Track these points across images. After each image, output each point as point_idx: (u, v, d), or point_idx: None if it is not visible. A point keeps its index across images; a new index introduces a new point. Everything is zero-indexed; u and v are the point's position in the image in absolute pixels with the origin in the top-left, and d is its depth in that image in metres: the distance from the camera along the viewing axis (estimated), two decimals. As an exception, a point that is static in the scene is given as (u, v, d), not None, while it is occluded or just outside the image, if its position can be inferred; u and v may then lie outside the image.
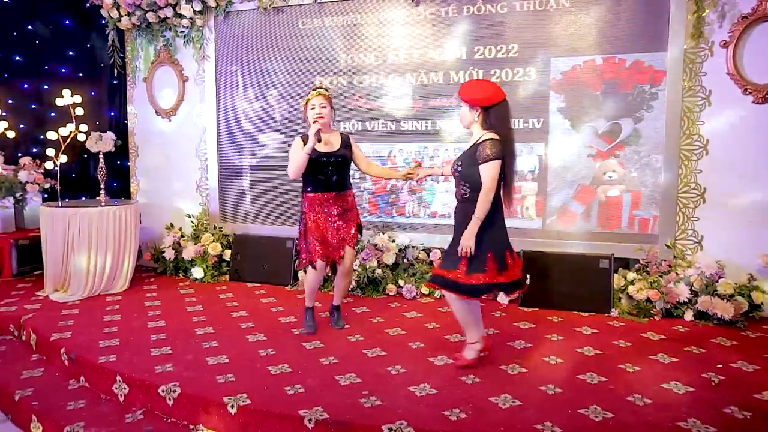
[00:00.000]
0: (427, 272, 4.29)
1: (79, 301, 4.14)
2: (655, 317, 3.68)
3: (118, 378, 2.83)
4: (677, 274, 3.71)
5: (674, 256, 3.80)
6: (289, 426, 2.37)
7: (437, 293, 4.22)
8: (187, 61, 5.01)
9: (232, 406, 2.47)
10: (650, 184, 3.89)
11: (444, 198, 4.36)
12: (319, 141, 3.10)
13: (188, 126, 5.11)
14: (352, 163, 3.37)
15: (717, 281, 3.58)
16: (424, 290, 4.21)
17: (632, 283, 3.78)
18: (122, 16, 4.97)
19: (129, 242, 4.51)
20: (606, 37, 3.89)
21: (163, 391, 2.65)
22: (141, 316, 3.80)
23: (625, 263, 3.96)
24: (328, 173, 3.24)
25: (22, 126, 5.68)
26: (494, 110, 2.63)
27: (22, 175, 5.33)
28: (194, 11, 4.74)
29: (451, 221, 2.91)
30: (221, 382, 2.71)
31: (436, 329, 3.51)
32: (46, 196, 5.55)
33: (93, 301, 4.17)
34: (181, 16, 4.78)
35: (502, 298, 4.09)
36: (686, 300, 3.62)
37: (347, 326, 3.53)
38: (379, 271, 4.29)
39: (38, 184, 5.45)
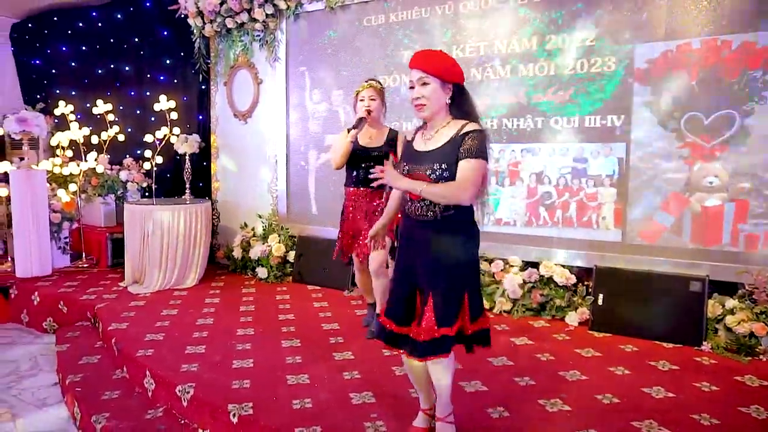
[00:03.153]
0: (489, 284, 3.92)
1: (149, 294, 4.39)
2: (761, 357, 2.98)
3: (147, 373, 2.89)
4: (793, 305, 2.98)
5: (792, 283, 3.06)
6: (281, 444, 2.23)
7: (496, 308, 3.85)
8: (262, 64, 5.12)
9: (234, 415, 2.39)
10: (762, 192, 3.18)
11: (511, 204, 3.96)
12: (361, 122, 3.04)
13: (261, 128, 5.22)
14: None
15: None
16: (485, 304, 3.84)
17: (732, 312, 3.11)
18: (205, 24, 5.21)
19: (200, 240, 4.70)
20: (706, 16, 3.25)
21: (179, 391, 2.65)
22: (195, 312, 3.91)
23: (725, 288, 3.26)
24: (367, 168, 3.03)
25: (129, 130, 6.23)
26: (464, 92, 1.98)
27: (123, 175, 5.86)
28: (267, 15, 4.82)
29: (517, 229, 2.30)
30: (235, 387, 2.64)
31: (483, 350, 3.16)
32: (146, 194, 6.05)
33: (161, 294, 4.39)
34: (254, 20, 4.89)
35: (571, 319, 3.61)
36: (804, 339, 2.89)
37: (384, 351, 3.23)
38: (435, 280, 4.01)
39: (137, 183, 5.95)
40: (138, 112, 6.38)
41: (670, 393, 2.58)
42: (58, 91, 6.60)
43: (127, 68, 6.42)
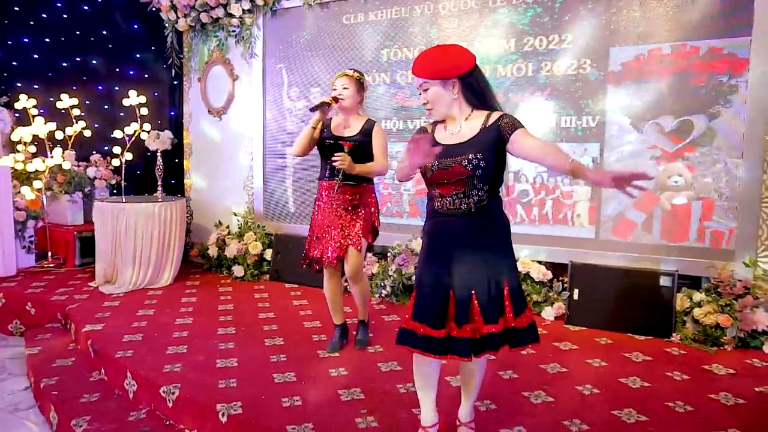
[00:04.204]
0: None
1: (123, 294, 4.28)
2: (726, 347, 3.15)
3: (129, 374, 2.83)
4: (756, 297, 3.15)
5: (753, 277, 3.24)
6: (274, 441, 2.23)
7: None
8: (238, 60, 5.06)
9: (223, 414, 2.37)
10: (726, 191, 3.35)
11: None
12: (323, 105, 2.88)
13: (237, 124, 5.16)
14: None
15: (807, 309, 3.00)
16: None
17: (699, 305, 3.27)
18: (179, 18, 5.11)
19: (174, 238, 4.62)
20: (675, 22, 3.40)
21: (163, 392, 2.61)
22: (173, 312, 3.84)
23: (692, 282, 3.43)
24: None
25: (96, 125, 6.05)
26: (475, 78, 1.91)
27: (91, 171, 5.68)
28: (243, 10, 4.77)
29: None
30: (222, 387, 2.62)
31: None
32: (114, 191, 5.88)
33: (135, 294, 4.29)
34: (231, 15, 4.83)
35: (547, 314, 3.71)
36: (766, 329, 3.06)
37: (368, 348, 3.18)
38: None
39: (105, 180, 5.78)
40: (106, 107, 6.20)
41: (645, 383, 2.70)
42: (19, 84, 6.32)
43: (94, 62, 6.22)
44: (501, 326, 1.89)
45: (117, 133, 5.32)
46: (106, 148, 5.96)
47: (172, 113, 5.83)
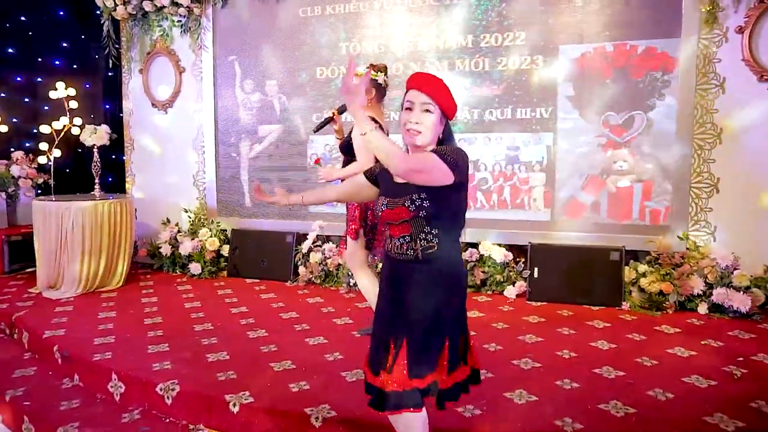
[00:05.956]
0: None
1: (73, 298, 4.02)
2: (668, 310, 3.57)
3: (114, 376, 2.70)
4: (690, 266, 3.60)
5: (687, 248, 3.70)
6: (294, 425, 2.26)
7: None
8: (184, 52, 4.88)
9: (234, 405, 2.36)
10: (662, 174, 3.79)
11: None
12: (320, 128, 3.13)
13: (185, 118, 4.98)
14: None
15: (732, 273, 3.48)
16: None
17: (644, 275, 3.68)
18: (117, 5, 4.83)
19: (124, 238, 4.39)
20: (616, 23, 3.78)
21: (161, 390, 2.53)
22: (137, 312, 3.67)
23: (636, 255, 3.85)
24: (348, 159, 2.96)
25: (15, 120, 5.55)
26: (449, 125, 1.75)
27: (15, 170, 5.20)
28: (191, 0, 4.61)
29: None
30: (222, 379, 2.59)
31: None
32: (39, 191, 5.42)
33: (87, 298, 4.04)
34: (177, 4, 4.65)
35: (510, 292, 3.98)
36: (700, 292, 3.52)
37: (354, 332, 3.25)
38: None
39: (31, 179, 5.32)
40: (27, 100, 5.70)
41: (612, 344, 3.01)
42: None
43: (10, 50, 5.68)
44: (427, 383, 1.66)
45: (44, 128, 4.92)
46: (27, 144, 5.50)
47: (108, 106, 5.49)
